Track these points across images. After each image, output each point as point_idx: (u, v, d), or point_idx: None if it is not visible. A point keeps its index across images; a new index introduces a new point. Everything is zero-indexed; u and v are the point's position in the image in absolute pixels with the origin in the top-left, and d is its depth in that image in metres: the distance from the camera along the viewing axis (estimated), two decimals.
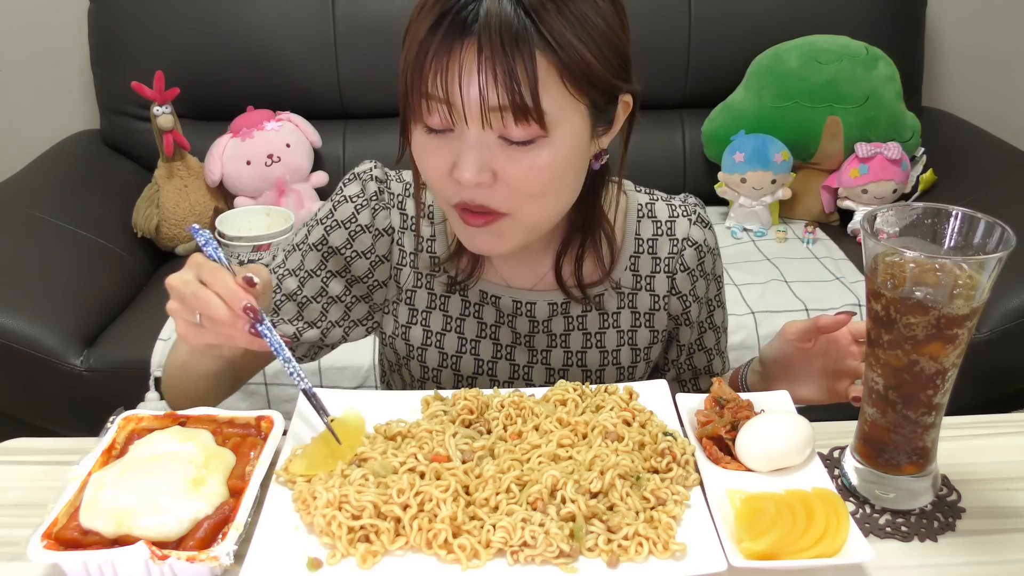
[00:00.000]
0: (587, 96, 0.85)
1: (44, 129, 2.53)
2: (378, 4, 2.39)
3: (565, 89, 0.83)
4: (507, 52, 0.79)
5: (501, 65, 0.79)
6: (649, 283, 1.07)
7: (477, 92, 0.81)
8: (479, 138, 0.84)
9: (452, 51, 0.81)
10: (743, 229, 2.37)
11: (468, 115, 0.82)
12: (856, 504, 0.83)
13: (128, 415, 0.87)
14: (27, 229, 2.05)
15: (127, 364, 1.83)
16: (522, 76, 0.80)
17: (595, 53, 0.83)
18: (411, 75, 0.83)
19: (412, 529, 0.73)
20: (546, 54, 0.81)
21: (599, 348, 1.07)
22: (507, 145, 0.84)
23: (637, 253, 1.07)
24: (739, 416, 0.86)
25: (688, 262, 1.07)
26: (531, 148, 0.84)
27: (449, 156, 0.86)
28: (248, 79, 2.41)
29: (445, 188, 0.89)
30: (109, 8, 2.40)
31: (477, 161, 0.84)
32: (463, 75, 0.81)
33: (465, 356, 1.06)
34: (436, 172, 0.88)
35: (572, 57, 0.82)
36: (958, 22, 2.68)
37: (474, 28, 0.79)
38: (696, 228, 1.08)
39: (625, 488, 0.77)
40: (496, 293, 1.05)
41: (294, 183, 2.33)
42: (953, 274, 0.74)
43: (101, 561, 0.71)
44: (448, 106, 0.82)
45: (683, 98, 2.52)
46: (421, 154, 0.89)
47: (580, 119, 0.86)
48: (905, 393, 0.79)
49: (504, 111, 0.81)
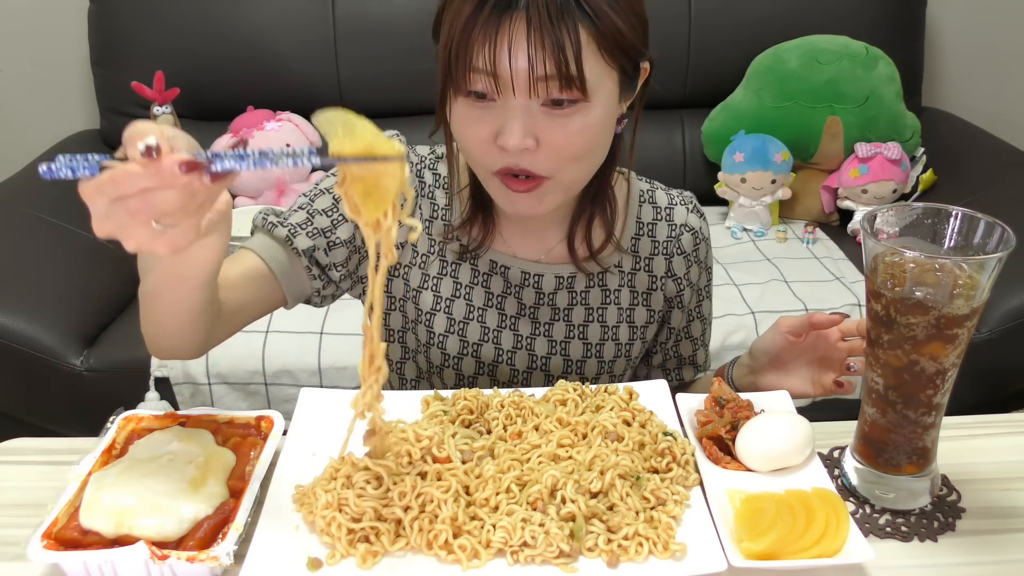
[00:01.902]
0: (618, 63, 0.90)
1: (44, 129, 2.53)
2: (378, 4, 2.39)
3: (601, 57, 0.88)
4: (554, 24, 0.85)
5: (549, 37, 0.84)
6: (648, 264, 1.12)
7: (527, 63, 0.85)
8: (525, 106, 0.88)
9: (501, 25, 0.85)
10: (743, 229, 2.37)
11: (516, 85, 0.87)
12: (856, 504, 0.83)
13: (128, 415, 0.87)
14: (27, 229, 2.05)
15: (127, 364, 1.83)
16: (568, 46, 0.85)
17: (625, 21, 0.89)
18: (456, 49, 0.87)
19: (413, 530, 0.73)
20: (585, 25, 0.86)
21: (600, 323, 1.10)
22: (550, 111, 0.89)
23: (638, 235, 1.11)
24: (739, 416, 0.86)
25: (685, 246, 1.13)
26: (572, 113, 0.89)
27: (492, 124, 0.90)
28: (248, 79, 2.41)
29: (487, 155, 0.93)
30: (109, 8, 2.40)
31: (523, 128, 0.89)
32: (513, 47, 0.85)
33: (472, 323, 1.08)
34: (478, 140, 0.92)
35: (608, 26, 0.87)
36: (958, 22, 2.68)
37: (520, 3, 0.85)
38: (693, 216, 1.14)
39: (625, 488, 0.77)
40: (505, 263, 1.08)
41: (294, 183, 2.33)
42: (953, 274, 0.74)
43: (101, 561, 0.71)
44: (495, 78, 0.87)
45: (683, 98, 2.52)
46: (463, 124, 0.93)
47: (613, 85, 0.92)
48: (905, 393, 0.79)
49: (551, 80, 0.86)
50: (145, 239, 0.67)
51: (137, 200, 0.65)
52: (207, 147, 0.68)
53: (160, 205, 0.65)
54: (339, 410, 0.90)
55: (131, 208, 0.65)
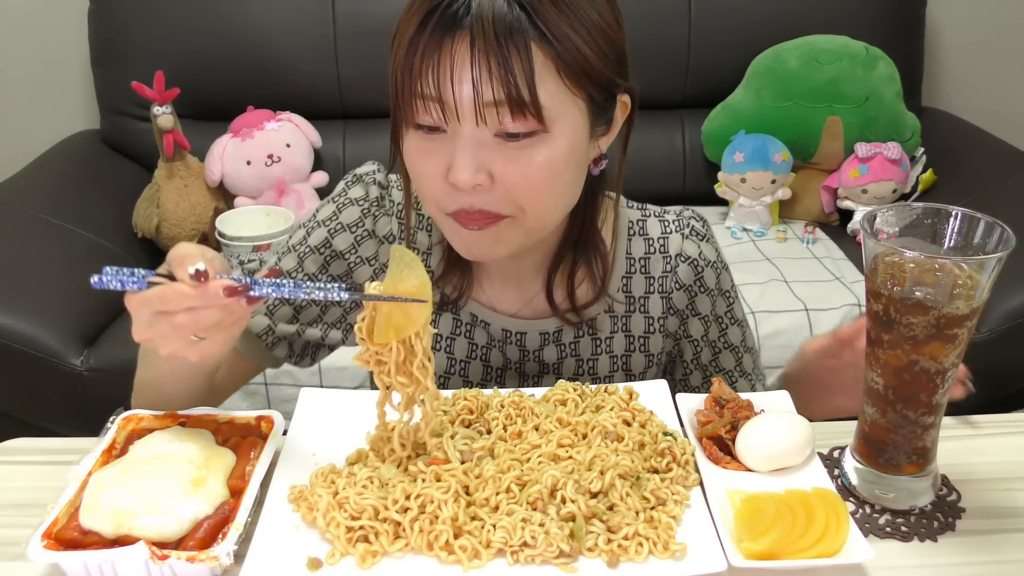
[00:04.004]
0: (584, 91, 0.83)
1: (44, 129, 2.53)
2: (378, 4, 2.39)
3: (562, 82, 0.80)
4: (501, 44, 0.77)
5: (495, 58, 0.77)
6: (643, 305, 1.02)
7: (471, 87, 0.78)
8: (474, 136, 0.81)
9: (443, 46, 0.78)
10: (743, 229, 2.37)
11: (461, 112, 0.79)
12: (856, 504, 0.83)
13: (128, 415, 0.87)
14: (27, 229, 2.05)
15: (127, 364, 1.80)
16: (518, 68, 0.77)
17: (591, 46, 0.81)
18: (401, 75, 0.81)
19: (413, 531, 0.73)
20: (541, 46, 0.79)
21: (591, 374, 1.04)
22: (504, 143, 0.81)
23: (629, 273, 1.02)
24: (739, 416, 0.86)
25: (683, 279, 1.02)
26: (529, 145, 0.81)
27: (443, 159, 0.83)
28: (248, 79, 2.41)
29: (440, 194, 0.85)
30: (109, 8, 2.40)
31: (473, 161, 0.81)
32: (455, 70, 0.78)
33: (454, 377, 1.04)
34: (430, 178, 0.85)
35: (568, 49, 0.79)
36: (958, 22, 2.68)
37: (465, 22, 0.77)
38: (690, 242, 1.02)
39: (625, 488, 0.77)
40: (486, 319, 1.01)
41: (294, 183, 2.33)
42: (953, 274, 0.74)
43: (101, 561, 0.71)
44: (441, 104, 0.80)
45: (683, 98, 2.52)
46: (414, 159, 0.86)
47: (578, 114, 0.84)
48: (905, 393, 0.79)
49: (500, 106, 0.79)
50: (180, 347, 0.75)
51: (184, 316, 0.72)
52: (207, 147, 0.71)
53: (203, 321, 0.73)
54: (339, 410, 0.90)
55: (176, 322, 0.72)
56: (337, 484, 0.78)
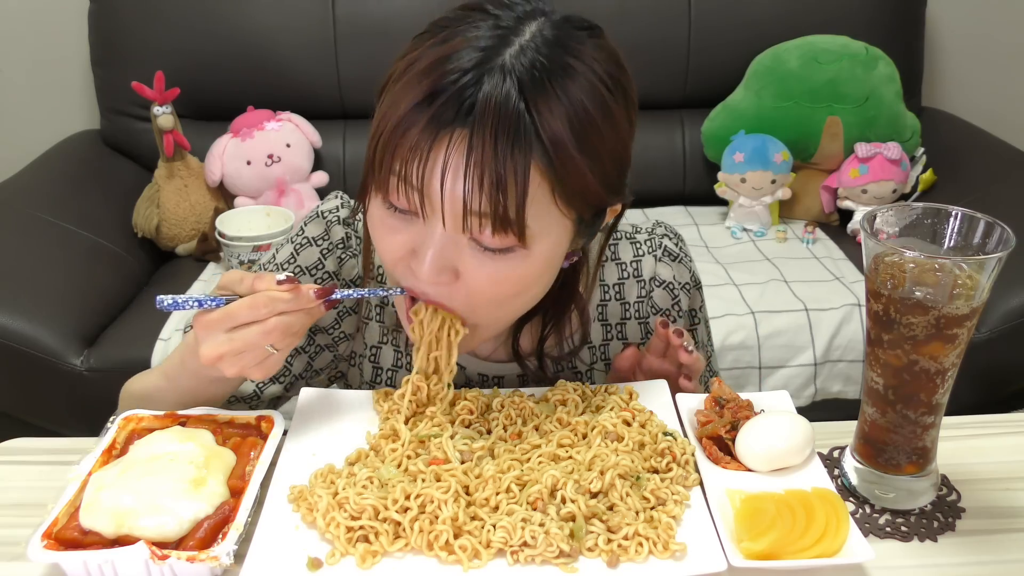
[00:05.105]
0: (576, 211, 0.78)
1: (44, 129, 2.53)
2: (378, 4, 2.39)
3: (554, 204, 0.75)
4: (499, 157, 0.71)
5: (490, 172, 0.71)
6: (620, 331, 1.00)
7: (461, 194, 0.72)
8: (449, 235, 0.76)
9: (438, 139, 0.72)
10: (743, 229, 2.37)
11: (446, 213, 0.74)
12: (856, 504, 0.83)
13: (128, 415, 0.86)
14: (27, 229, 2.05)
15: (127, 364, 1.83)
16: (511, 187, 0.72)
17: (594, 169, 0.75)
18: (384, 147, 0.74)
19: (413, 531, 0.73)
20: (540, 164, 0.73)
21: None
22: (478, 249, 0.76)
23: (604, 301, 0.99)
24: (739, 416, 0.86)
25: (659, 303, 1.01)
26: (503, 256, 0.76)
27: (409, 241, 0.78)
28: (248, 79, 2.41)
29: (397, 269, 0.81)
30: (109, 8, 2.40)
31: (440, 260, 0.77)
32: (447, 171, 0.72)
33: None
34: (392, 254, 0.80)
35: (569, 172, 0.74)
36: (958, 22, 2.68)
37: (468, 119, 0.71)
38: (663, 265, 1.00)
39: (625, 488, 0.77)
40: (460, 362, 0.94)
41: (294, 183, 2.33)
42: (953, 274, 0.74)
43: (101, 561, 0.71)
44: (421, 197, 0.74)
45: (683, 98, 2.52)
46: (378, 230, 0.80)
47: (563, 233, 0.79)
48: (905, 393, 0.79)
49: (484, 217, 0.73)
50: (252, 360, 0.78)
51: (275, 320, 0.76)
52: (207, 147, 0.72)
53: (294, 324, 0.77)
54: (339, 410, 0.90)
55: (268, 327, 0.76)
56: (337, 484, 0.78)
